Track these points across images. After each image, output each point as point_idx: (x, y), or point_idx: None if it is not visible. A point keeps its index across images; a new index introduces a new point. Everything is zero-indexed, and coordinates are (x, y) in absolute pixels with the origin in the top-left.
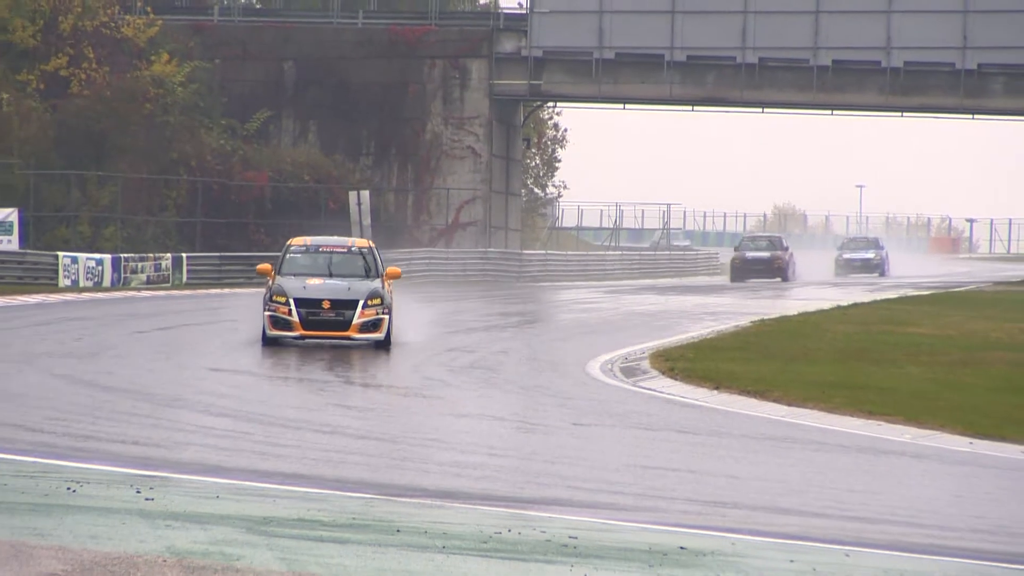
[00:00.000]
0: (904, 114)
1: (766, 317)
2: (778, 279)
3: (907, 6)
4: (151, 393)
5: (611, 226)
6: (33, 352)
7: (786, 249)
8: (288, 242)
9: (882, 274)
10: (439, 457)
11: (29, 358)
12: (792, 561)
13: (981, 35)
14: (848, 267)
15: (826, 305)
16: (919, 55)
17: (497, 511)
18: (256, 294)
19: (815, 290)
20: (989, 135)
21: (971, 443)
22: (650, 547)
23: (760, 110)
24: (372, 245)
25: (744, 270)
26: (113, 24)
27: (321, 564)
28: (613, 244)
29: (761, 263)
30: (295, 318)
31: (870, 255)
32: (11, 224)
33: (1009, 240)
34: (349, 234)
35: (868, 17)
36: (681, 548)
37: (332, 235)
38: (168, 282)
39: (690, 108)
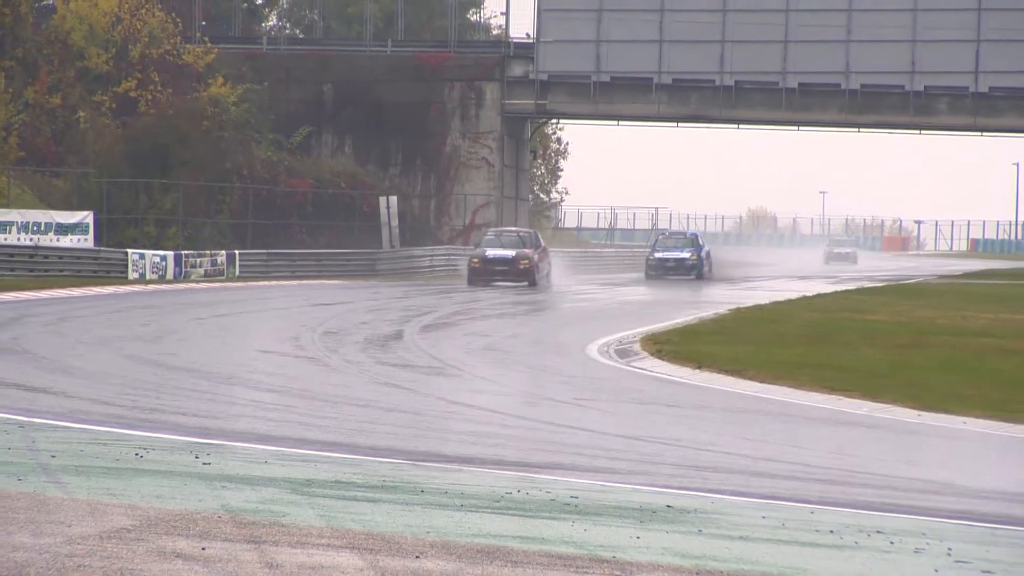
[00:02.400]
0: (861, 130)
1: (742, 306)
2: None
3: (863, 36)
4: (209, 372)
5: (607, 227)
6: (107, 336)
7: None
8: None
9: (699, 276)
10: (458, 427)
11: (104, 341)
12: (764, 517)
13: (927, 62)
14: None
15: (794, 296)
16: (874, 79)
17: (508, 474)
18: (300, 286)
19: (785, 283)
20: (934, 148)
21: (919, 415)
22: (641, 506)
23: (736, 126)
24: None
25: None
26: (175, 52)
27: (356, 520)
28: (608, 242)
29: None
30: None
31: (685, 255)
32: (87, 225)
33: (952, 239)
34: (380, 235)
35: (830, 46)
36: (668, 507)
37: (360, 235)
38: (223, 275)
39: (675, 124)
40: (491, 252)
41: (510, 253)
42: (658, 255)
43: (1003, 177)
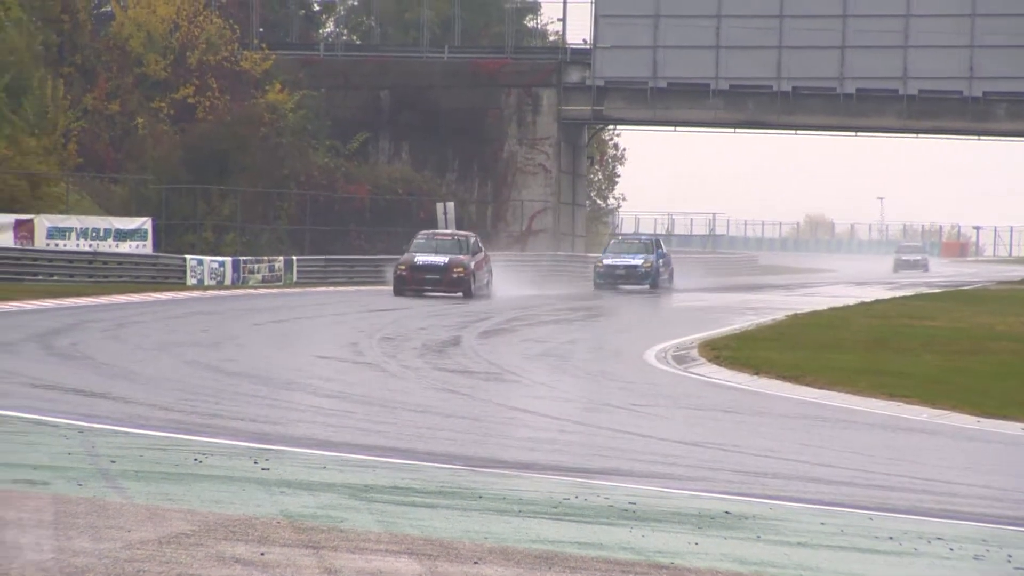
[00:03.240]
0: (919, 135)
1: (799, 312)
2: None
3: (921, 41)
4: (267, 377)
5: (664, 232)
6: (166, 341)
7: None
8: None
9: (654, 286)
10: (516, 433)
11: (163, 346)
12: (823, 524)
13: (986, 67)
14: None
15: (851, 302)
16: (932, 84)
17: (566, 480)
18: (357, 292)
19: (843, 288)
20: (993, 153)
21: (979, 422)
22: (699, 512)
23: (794, 132)
24: None
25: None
26: (233, 59)
27: (414, 526)
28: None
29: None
30: None
31: (638, 261)
32: (146, 231)
33: (1011, 245)
34: None
35: (887, 51)
36: (726, 513)
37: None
38: (280, 281)
39: (732, 130)
40: (420, 259)
41: (442, 260)
42: (607, 261)
43: None
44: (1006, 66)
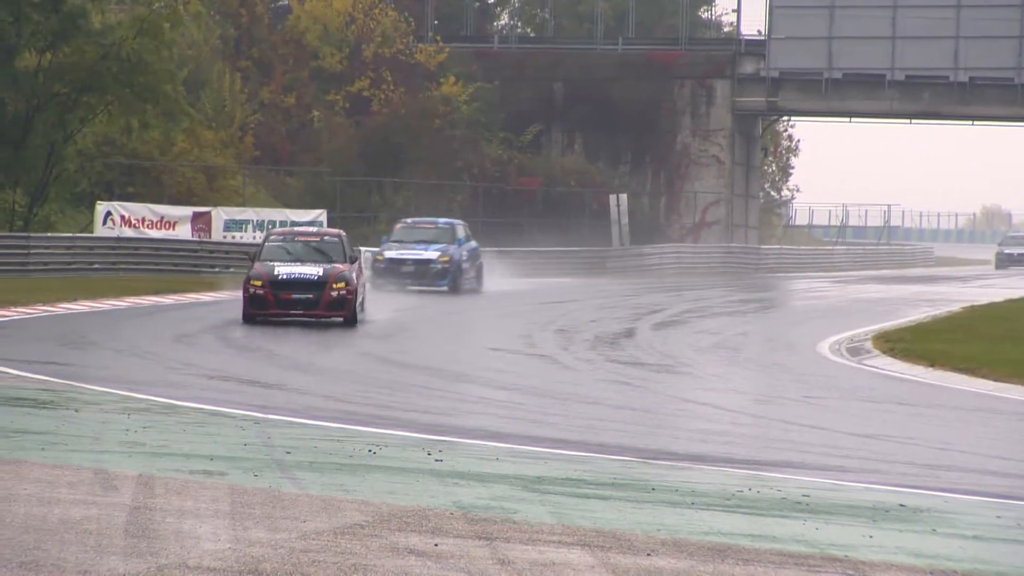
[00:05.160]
0: None
1: (976, 304)
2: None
3: None
4: (439, 369)
5: (838, 224)
6: (339, 333)
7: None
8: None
9: (454, 288)
10: (687, 425)
11: (336, 338)
12: (999, 517)
13: None
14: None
15: None
16: None
17: (738, 472)
18: (530, 284)
19: (1020, 280)
20: None
21: None
22: (873, 504)
23: (970, 123)
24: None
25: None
26: (408, 51)
27: (586, 518)
28: (840, 239)
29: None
30: None
31: (432, 255)
32: (321, 223)
33: None
34: (610, 233)
35: None
36: (901, 505)
37: (589, 233)
38: None
39: (908, 121)
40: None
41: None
42: (391, 254)
43: None
44: None
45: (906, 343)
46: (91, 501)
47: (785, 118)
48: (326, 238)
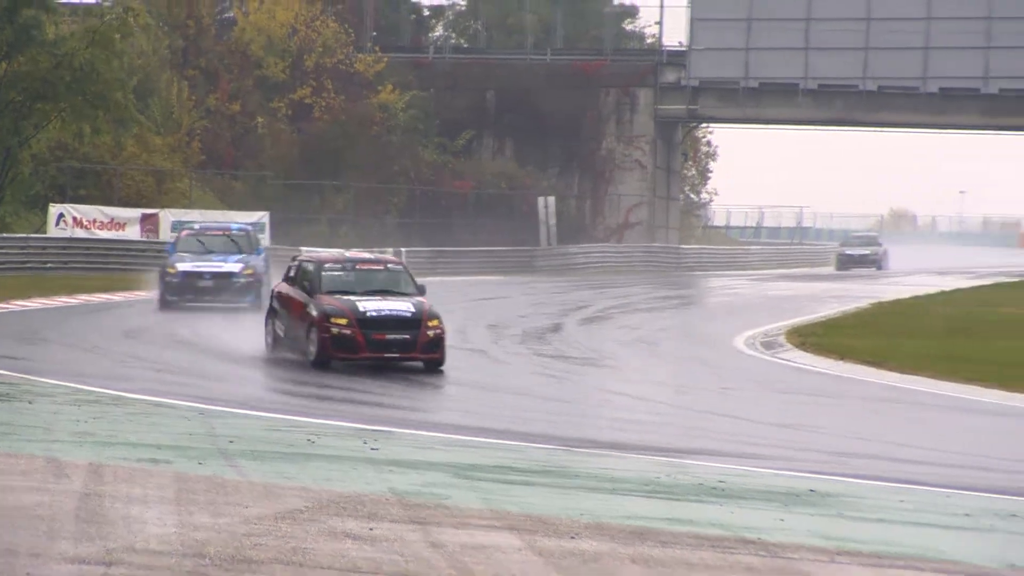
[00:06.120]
0: (1001, 132)
1: (882, 300)
2: None
3: (1003, 43)
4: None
5: (753, 225)
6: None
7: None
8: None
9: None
10: (609, 415)
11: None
12: (902, 501)
13: None
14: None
15: (932, 290)
16: (1013, 83)
17: (657, 459)
18: (463, 282)
19: (924, 277)
20: None
21: None
22: (785, 490)
23: (879, 129)
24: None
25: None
26: (348, 61)
27: (514, 503)
28: (755, 240)
29: None
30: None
31: (233, 267)
32: (263, 224)
33: None
34: (538, 234)
35: (969, 52)
36: (811, 491)
37: (518, 234)
38: None
39: (820, 128)
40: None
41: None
42: (183, 267)
43: None
44: None
45: (817, 337)
46: (43, 488)
47: (704, 125)
48: (390, 266)
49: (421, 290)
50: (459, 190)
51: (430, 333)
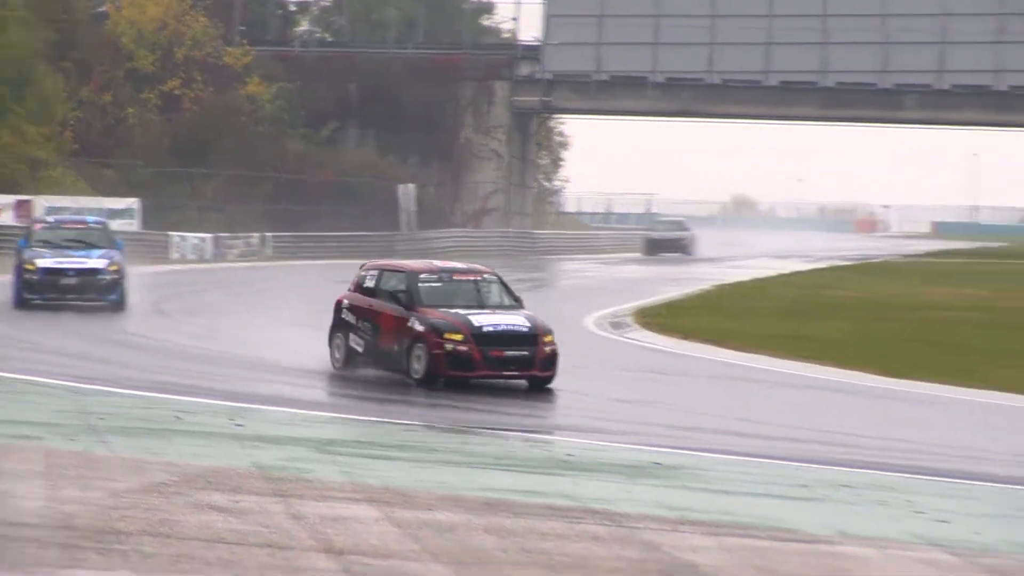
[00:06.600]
0: (836, 123)
1: (724, 282)
2: None
3: (838, 38)
4: (244, 341)
5: (603, 211)
6: (162, 310)
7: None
8: None
9: (120, 303)
10: (461, 395)
11: (158, 312)
12: (744, 473)
13: (898, 62)
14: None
15: (772, 273)
16: (848, 77)
17: (510, 435)
18: (326, 265)
19: (764, 261)
20: (902, 139)
21: (884, 381)
22: (632, 463)
23: (723, 120)
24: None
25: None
26: (216, 54)
27: (374, 477)
28: (605, 225)
29: None
30: None
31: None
32: (134, 211)
33: (916, 221)
34: (398, 220)
35: (807, 47)
36: (656, 464)
37: (380, 220)
38: (257, 255)
39: (668, 119)
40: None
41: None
42: (44, 263)
43: (962, 166)
44: (917, 60)
45: (662, 318)
46: None
47: (558, 116)
48: (486, 276)
49: (519, 301)
50: (323, 179)
51: (547, 349)
